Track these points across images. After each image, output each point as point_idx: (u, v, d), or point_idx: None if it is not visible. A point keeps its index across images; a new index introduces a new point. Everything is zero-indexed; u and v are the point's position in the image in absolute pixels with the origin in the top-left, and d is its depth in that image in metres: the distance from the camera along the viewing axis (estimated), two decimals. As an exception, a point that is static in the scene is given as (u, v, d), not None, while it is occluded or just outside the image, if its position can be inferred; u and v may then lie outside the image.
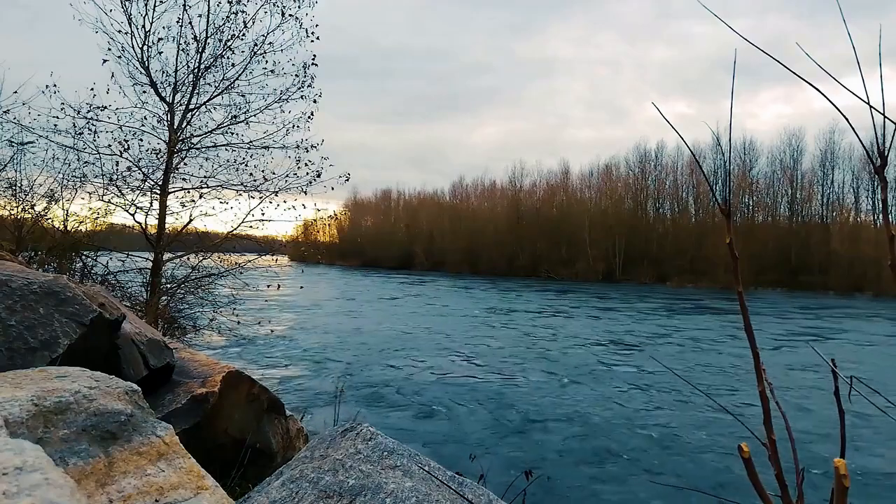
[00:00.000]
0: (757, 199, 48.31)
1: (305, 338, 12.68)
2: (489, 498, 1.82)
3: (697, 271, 42.06)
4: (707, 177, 45.07)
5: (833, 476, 0.62)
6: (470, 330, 14.77)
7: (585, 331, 15.24)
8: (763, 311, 23.03)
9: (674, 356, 11.70)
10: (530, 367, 9.95)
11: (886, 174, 0.65)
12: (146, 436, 1.41)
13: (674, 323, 17.88)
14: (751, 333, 0.74)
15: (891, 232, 0.67)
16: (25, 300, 2.03)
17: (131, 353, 2.57)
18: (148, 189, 7.03)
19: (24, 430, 1.20)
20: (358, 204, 73.84)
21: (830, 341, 14.71)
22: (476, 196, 65.75)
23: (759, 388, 0.73)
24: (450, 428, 6.48)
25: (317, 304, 19.97)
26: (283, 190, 7.42)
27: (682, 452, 5.83)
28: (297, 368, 9.44)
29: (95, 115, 6.69)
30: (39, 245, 6.80)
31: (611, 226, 48.64)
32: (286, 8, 7.14)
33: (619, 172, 54.62)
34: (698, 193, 49.41)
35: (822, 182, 46.61)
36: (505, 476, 3.04)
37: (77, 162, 6.79)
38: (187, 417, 2.70)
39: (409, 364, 10.01)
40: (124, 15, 6.57)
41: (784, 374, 9.82)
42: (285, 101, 7.35)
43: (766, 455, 0.72)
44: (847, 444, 0.73)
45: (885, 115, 0.62)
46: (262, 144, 7.41)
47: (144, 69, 6.82)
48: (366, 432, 1.94)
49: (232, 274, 7.61)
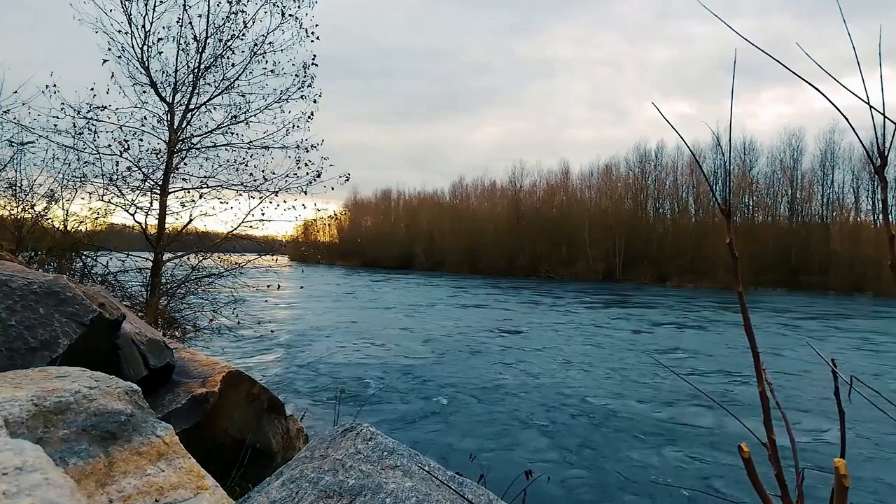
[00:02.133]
0: (757, 199, 48.34)
1: (305, 338, 12.68)
2: (489, 498, 1.82)
3: (697, 271, 42.06)
4: (707, 177, 45.03)
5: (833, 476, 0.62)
6: (470, 330, 14.76)
7: (585, 331, 15.24)
8: (763, 311, 23.04)
9: (674, 356, 11.70)
10: (531, 367, 9.95)
11: (886, 174, 0.65)
12: (146, 436, 1.41)
13: (674, 323, 17.88)
14: (751, 333, 0.74)
15: (891, 232, 0.67)
16: (25, 300, 2.03)
17: (131, 353, 2.57)
18: (148, 189, 7.03)
19: (24, 430, 1.20)
20: (358, 204, 73.92)
21: (830, 341, 14.71)
22: (476, 196, 65.85)
23: (759, 388, 0.73)
24: (450, 428, 6.48)
25: (317, 304, 19.97)
26: (283, 190, 7.42)
27: (682, 452, 5.83)
28: (297, 368, 9.44)
29: (95, 115, 6.68)
30: (39, 245, 6.79)
31: (611, 226, 48.66)
32: (286, 8, 7.14)
33: (619, 172, 54.72)
34: (698, 193, 49.43)
35: (822, 182, 46.66)
36: (505, 476, 3.04)
37: (77, 162, 6.79)
38: (187, 417, 2.69)
39: (410, 364, 10.01)
40: (124, 15, 6.57)
41: (784, 374, 9.82)
42: (285, 101, 7.35)
43: (766, 455, 0.72)
44: (847, 444, 0.73)
45: (885, 115, 0.62)
46: (262, 144, 7.42)
47: (144, 69, 6.82)
48: (366, 432, 1.94)
49: (232, 274, 7.61)
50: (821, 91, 0.66)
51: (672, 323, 17.86)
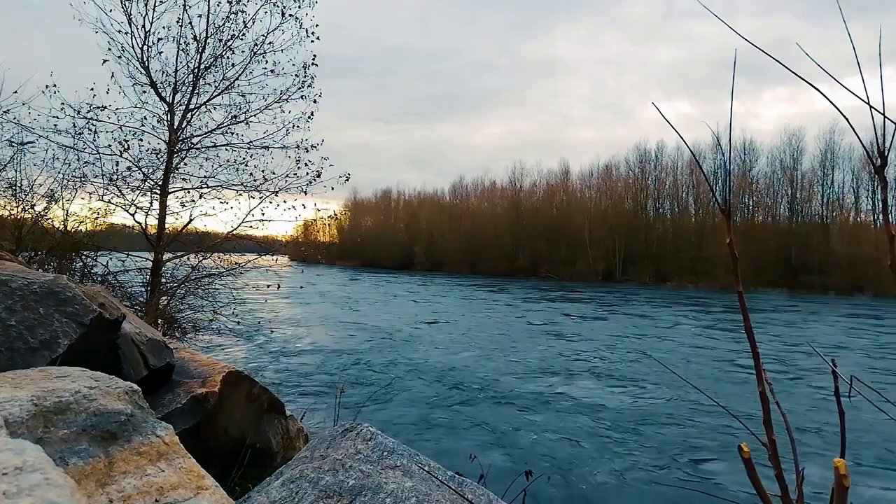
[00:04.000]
0: (757, 199, 48.34)
1: (305, 337, 12.68)
2: (489, 498, 1.82)
3: (697, 271, 42.07)
4: (707, 177, 45.05)
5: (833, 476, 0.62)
6: (470, 330, 14.76)
7: (585, 331, 15.24)
8: (763, 311, 23.03)
9: (674, 356, 11.70)
10: (531, 368, 9.95)
11: (886, 174, 0.65)
12: (146, 436, 1.41)
13: (674, 323, 17.88)
14: (751, 334, 0.74)
15: (891, 232, 0.67)
16: (25, 300, 2.03)
17: (131, 353, 2.57)
18: (148, 189, 7.03)
19: (24, 430, 1.20)
20: (358, 204, 73.99)
21: (830, 341, 14.71)
22: (476, 196, 65.89)
23: (759, 388, 0.73)
24: (450, 428, 6.48)
25: (317, 304, 19.96)
26: (283, 190, 7.42)
27: (682, 452, 5.83)
28: (297, 368, 9.43)
29: (95, 115, 6.68)
30: (39, 245, 6.79)
31: (611, 226, 48.68)
32: (286, 8, 7.14)
33: (619, 172, 54.76)
34: (698, 193, 49.43)
35: (822, 182, 46.66)
36: (505, 476, 3.04)
37: (77, 162, 6.79)
38: (187, 417, 2.69)
39: (410, 364, 10.01)
40: (124, 15, 6.57)
41: (784, 374, 9.82)
42: (285, 101, 7.35)
43: (766, 455, 0.72)
44: (847, 444, 0.73)
45: (885, 115, 0.62)
46: (262, 144, 7.42)
47: (144, 69, 6.82)
48: (366, 432, 1.94)
49: (232, 274, 7.61)
50: (820, 91, 0.67)
51: (672, 323, 17.85)
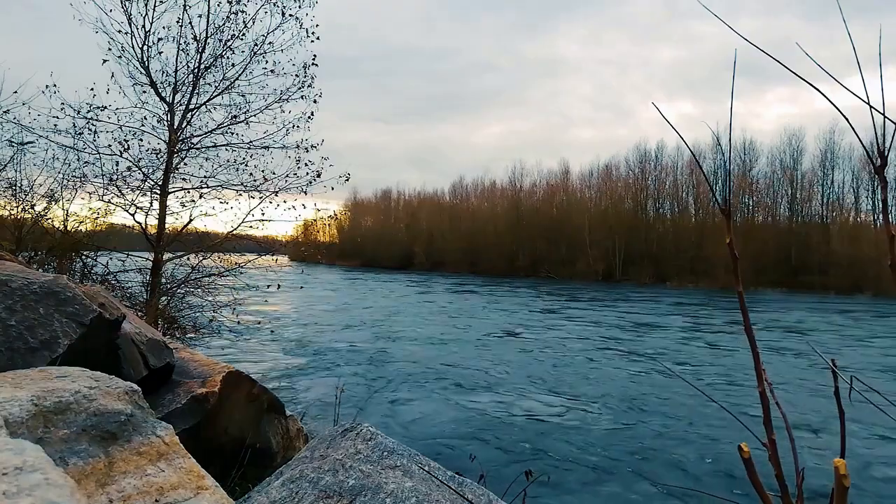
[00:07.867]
0: (757, 199, 48.33)
1: (305, 338, 12.67)
2: (489, 498, 1.82)
3: (697, 271, 42.06)
4: (707, 177, 45.05)
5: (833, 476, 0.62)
6: (470, 330, 14.76)
7: (585, 331, 15.24)
8: (763, 311, 23.03)
9: (674, 356, 11.70)
10: (531, 368, 9.95)
11: (886, 174, 0.65)
12: (146, 436, 1.41)
13: (674, 323, 17.88)
14: (751, 334, 0.74)
15: (891, 232, 0.66)
16: (25, 300, 2.03)
17: (131, 353, 2.57)
18: (148, 189, 7.03)
19: (24, 430, 1.20)
20: (358, 204, 73.99)
21: (830, 341, 14.71)
22: (476, 196, 65.88)
23: (759, 388, 0.73)
24: (450, 428, 6.47)
25: (317, 304, 19.96)
26: (283, 190, 7.42)
27: (682, 452, 5.82)
28: (298, 368, 9.43)
29: (95, 115, 6.68)
30: (39, 245, 6.79)
31: (611, 226, 48.68)
32: (286, 8, 7.14)
33: (619, 172, 54.75)
34: (698, 193, 49.42)
35: (822, 182, 46.66)
36: (505, 476, 3.04)
37: (77, 162, 6.79)
38: (187, 417, 2.69)
39: (410, 364, 10.00)
40: (124, 15, 6.57)
41: (784, 374, 9.82)
42: (285, 101, 7.35)
43: (766, 455, 0.72)
44: (847, 444, 0.73)
45: (885, 115, 0.62)
46: (262, 144, 7.41)
47: (144, 69, 6.82)
48: (366, 432, 1.94)
49: (232, 274, 7.61)
50: (820, 91, 0.66)
51: (672, 323, 17.85)
